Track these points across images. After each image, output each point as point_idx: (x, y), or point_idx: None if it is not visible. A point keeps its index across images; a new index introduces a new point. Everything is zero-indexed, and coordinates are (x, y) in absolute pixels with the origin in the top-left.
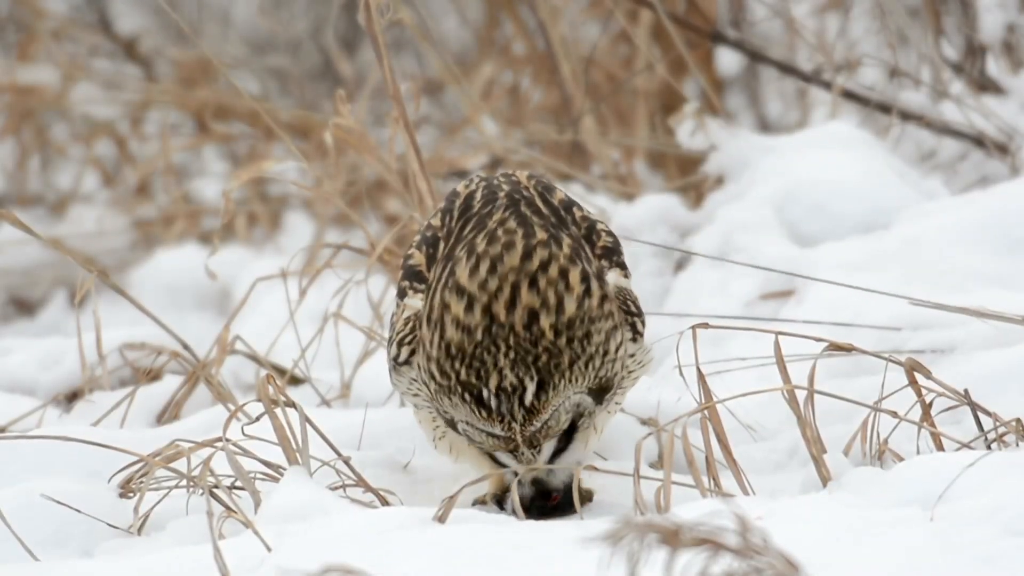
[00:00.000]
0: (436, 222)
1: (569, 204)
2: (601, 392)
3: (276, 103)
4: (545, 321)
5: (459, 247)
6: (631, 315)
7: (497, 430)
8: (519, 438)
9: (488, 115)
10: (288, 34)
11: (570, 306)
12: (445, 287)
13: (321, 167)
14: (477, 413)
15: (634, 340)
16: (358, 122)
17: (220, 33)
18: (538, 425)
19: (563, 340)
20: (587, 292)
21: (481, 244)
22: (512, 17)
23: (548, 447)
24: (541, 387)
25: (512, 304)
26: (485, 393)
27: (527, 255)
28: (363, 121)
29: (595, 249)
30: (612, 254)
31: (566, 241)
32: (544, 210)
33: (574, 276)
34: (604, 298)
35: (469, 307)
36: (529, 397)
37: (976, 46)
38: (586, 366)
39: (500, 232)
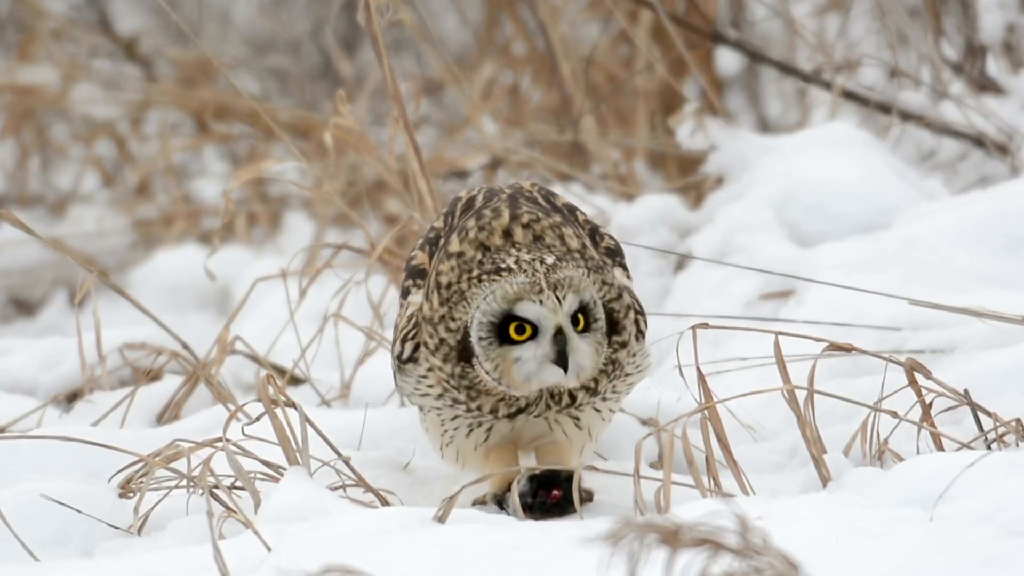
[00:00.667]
0: (439, 224)
1: (572, 208)
2: (610, 325)
3: (276, 103)
4: (547, 241)
5: (450, 236)
6: (636, 312)
7: (520, 278)
8: (543, 282)
9: (488, 115)
10: (288, 34)
11: (571, 241)
12: (439, 263)
13: (321, 167)
14: (499, 275)
15: (637, 339)
16: (358, 122)
17: (220, 33)
18: (561, 276)
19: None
20: (585, 246)
21: (471, 222)
22: (512, 17)
23: (584, 339)
24: (559, 259)
25: (507, 234)
26: (507, 262)
27: (515, 217)
28: (363, 121)
29: (598, 249)
30: (615, 255)
31: (556, 215)
32: (546, 206)
33: (568, 231)
34: (603, 261)
35: (460, 253)
36: (550, 259)
37: (976, 46)
38: (589, 272)
39: (488, 212)
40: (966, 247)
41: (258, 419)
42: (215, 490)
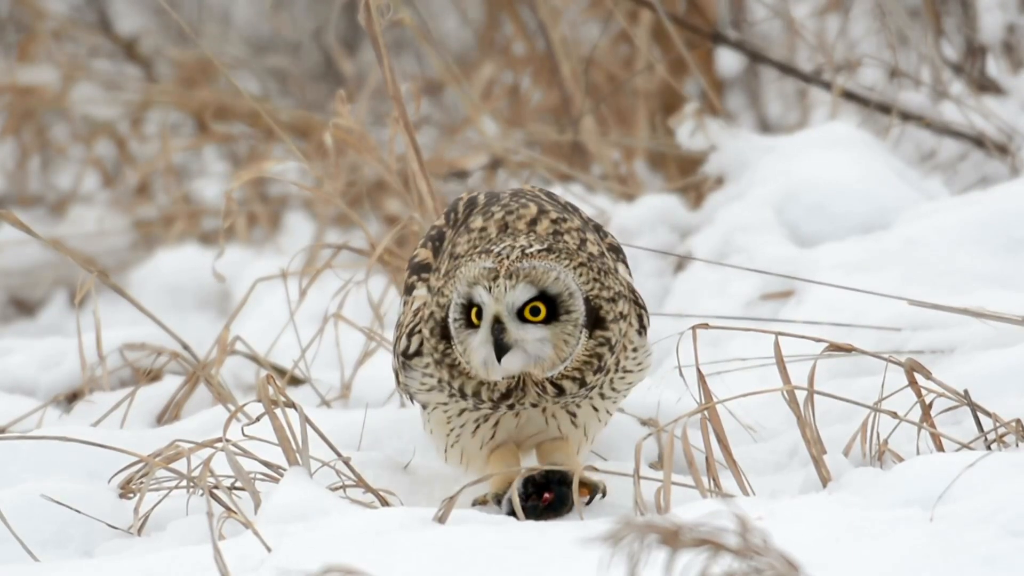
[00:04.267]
0: (440, 221)
1: (573, 208)
2: (592, 319)
3: (276, 103)
4: (543, 224)
5: (472, 216)
6: (638, 307)
7: (487, 263)
8: (501, 268)
9: (488, 115)
10: (289, 34)
11: (592, 248)
12: (457, 236)
13: (321, 167)
14: (477, 258)
15: (639, 333)
16: (358, 122)
17: (220, 33)
18: (527, 266)
19: (559, 241)
20: (603, 253)
21: (496, 208)
22: (512, 17)
23: (532, 329)
24: (549, 249)
25: (530, 222)
26: (497, 247)
27: (543, 211)
28: (363, 121)
29: (603, 244)
30: (618, 252)
31: (576, 219)
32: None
33: (589, 237)
34: (605, 252)
35: (484, 228)
36: (536, 247)
37: (976, 46)
38: (577, 268)
39: (513, 203)
40: (966, 247)
41: (258, 419)
42: (215, 490)
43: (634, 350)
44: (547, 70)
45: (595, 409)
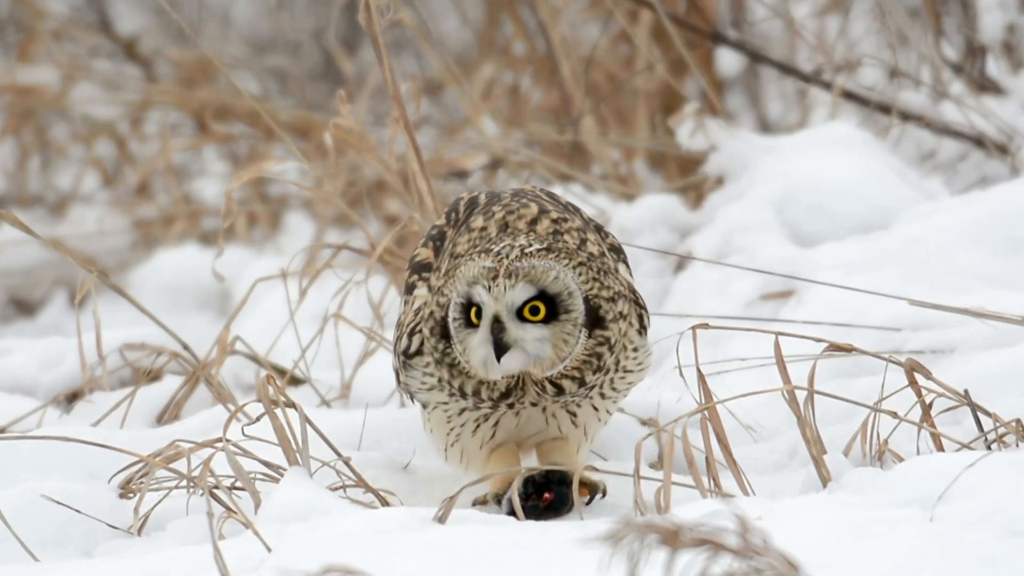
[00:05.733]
0: (441, 221)
1: (574, 207)
2: (592, 319)
3: (276, 103)
4: (543, 224)
5: (473, 215)
6: (638, 307)
7: (487, 262)
8: (501, 268)
9: (488, 115)
10: (289, 34)
11: (592, 248)
12: (457, 236)
13: (321, 167)
14: (477, 257)
15: (640, 333)
16: (358, 122)
17: (220, 33)
18: (524, 264)
19: (559, 242)
20: (603, 253)
21: (496, 208)
22: (512, 17)
23: (531, 329)
24: (548, 248)
25: (533, 223)
26: (497, 247)
27: (543, 211)
28: (363, 121)
29: (603, 244)
30: (619, 252)
31: (577, 219)
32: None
33: (590, 237)
34: (605, 252)
35: (484, 228)
36: (535, 247)
37: (976, 46)
38: (577, 268)
39: (514, 203)
40: (966, 247)
41: (258, 419)
42: (215, 490)
43: (634, 350)
44: (547, 70)
45: (595, 409)
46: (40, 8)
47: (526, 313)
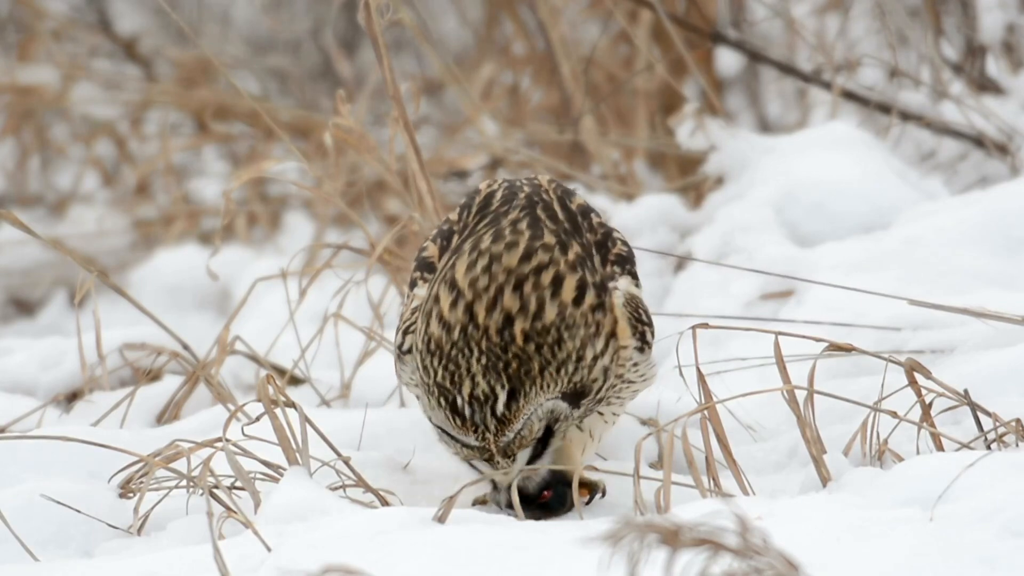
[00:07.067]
0: (453, 216)
1: (587, 210)
2: (577, 396)
3: (276, 103)
4: (518, 326)
5: (467, 240)
6: (641, 324)
7: (471, 440)
8: (493, 448)
9: (488, 115)
10: (288, 34)
11: (550, 312)
12: (442, 279)
13: (321, 167)
14: (452, 421)
15: (641, 350)
16: (358, 122)
17: (220, 33)
18: (511, 435)
19: (532, 347)
20: (578, 300)
21: (486, 241)
22: (512, 17)
23: (523, 455)
24: (512, 396)
25: (493, 306)
26: (459, 401)
27: (526, 256)
28: (363, 121)
29: (609, 255)
30: (625, 263)
31: (573, 248)
32: (560, 215)
33: (569, 283)
34: (597, 308)
35: (454, 303)
36: (500, 407)
37: (976, 46)
38: (558, 371)
39: (508, 232)
40: (966, 247)
41: (258, 419)
42: (215, 490)
43: (635, 364)
44: (547, 70)
45: (600, 413)
46: (40, 8)
47: None
